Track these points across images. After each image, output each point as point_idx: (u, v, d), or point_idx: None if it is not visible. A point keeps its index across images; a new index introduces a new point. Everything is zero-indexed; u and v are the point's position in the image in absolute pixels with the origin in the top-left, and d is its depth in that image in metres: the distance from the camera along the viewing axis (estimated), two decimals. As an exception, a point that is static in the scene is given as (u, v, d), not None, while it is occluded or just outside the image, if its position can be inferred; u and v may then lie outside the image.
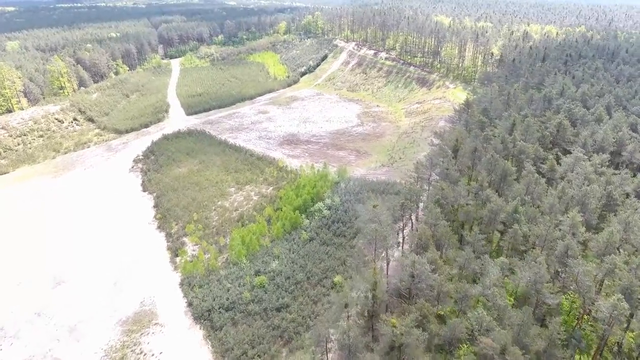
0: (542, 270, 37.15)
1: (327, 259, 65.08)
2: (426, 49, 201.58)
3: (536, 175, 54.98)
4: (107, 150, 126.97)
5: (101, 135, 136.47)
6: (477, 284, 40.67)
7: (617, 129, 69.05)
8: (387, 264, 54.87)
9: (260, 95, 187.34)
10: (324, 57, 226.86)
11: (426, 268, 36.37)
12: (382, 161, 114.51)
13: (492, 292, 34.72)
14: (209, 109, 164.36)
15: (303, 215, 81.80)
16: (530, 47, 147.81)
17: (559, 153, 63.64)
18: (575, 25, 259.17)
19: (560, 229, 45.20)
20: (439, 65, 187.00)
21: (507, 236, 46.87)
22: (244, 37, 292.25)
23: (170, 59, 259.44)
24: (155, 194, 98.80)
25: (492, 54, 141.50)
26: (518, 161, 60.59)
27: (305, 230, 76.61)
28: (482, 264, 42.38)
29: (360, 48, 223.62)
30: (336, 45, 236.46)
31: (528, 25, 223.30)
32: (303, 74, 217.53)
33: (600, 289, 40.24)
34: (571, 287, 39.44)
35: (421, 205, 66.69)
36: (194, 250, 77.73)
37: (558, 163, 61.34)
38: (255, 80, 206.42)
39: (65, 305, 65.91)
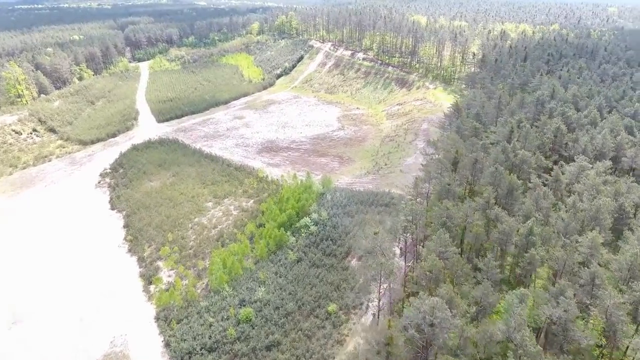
0: (572, 306, 32.95)
1: (318, 284, 59.54)
2: (403, 49, 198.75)
3: (544, 189, 51.13)
4: (71, 164, 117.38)
5: (64, 147, 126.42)
6: (494, 316, 36.36)
7: (614, 133, 66.56)
8: (390, 303, 49.72)
9: (235, 99, 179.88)
10: (300, 59, 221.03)
11: (447, 314, 31.60)
12: (367, 168, 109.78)
13: (521, 336, 30.25)
14: (182, 115, 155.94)
15: (288, 232, 75.99)
16: (510, 47, 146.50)
17: (562, 162, 60.27)
18: (547, 24, 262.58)
19: (579, 252, 41.29)
20: (417, 66, 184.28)
21: (522, 261, 42.55)
22: (216, 38, 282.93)
23: (139, 62, 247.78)
24: (125, 212, 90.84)
25: (474, 54, 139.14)
26: (519, 171, 56.79)
27: (292, 250, 70.87)
28: (500, 296, 38.06)
29: (337, 49, 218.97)
30: (312, 46, 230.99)
31: (503, 24, 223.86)
32: (279, 76, 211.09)
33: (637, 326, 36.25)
34: (601, 322, 35.53)
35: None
36: (169, 277, 70.77)
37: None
38: (230, 84, 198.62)
39: (23, 348, 58.07)
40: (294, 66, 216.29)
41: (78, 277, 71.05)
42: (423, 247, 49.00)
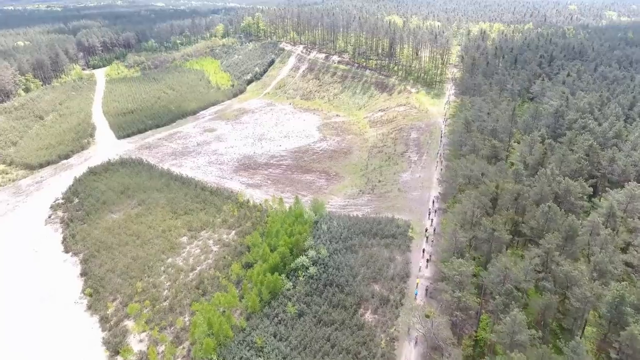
0: None
1: (330, 351, 48.41)
2: (379, 51, 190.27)
3: (609, 230, 42.45)
4: (15, 194, 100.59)
5: (7, 174, 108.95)
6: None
7: (647, 148, 59.83)
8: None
9: (203, 108, 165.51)
10: (271, 63, 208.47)
11: None
12: (358, 185, 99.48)
13: None
14: (145, 130, 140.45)
15: (283, 275, 64.43)
16: (496, 48, 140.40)
17: (605, 187, 52.17)
18: (516, 22, 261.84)
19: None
20: (396, 68, 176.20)
21: (618, 343, 33.27)
22: (178, 41, 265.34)
23: (94, 69, 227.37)
24: (82, 256, 76.33)
25: (462, 56, 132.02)
26: (561, 203, 48.20)
27: (291, 300, 59.38)
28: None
29: (310, 51, 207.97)
30: (283, 49, 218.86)
31: (477, 23, 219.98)
32: (249, 82, 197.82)
33: None
34: None
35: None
36: (141, 341, 57.72)
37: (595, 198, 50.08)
38: (196, 91, 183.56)
39: None
40: (265, 71, 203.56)
41: (23, 348, 56.75)
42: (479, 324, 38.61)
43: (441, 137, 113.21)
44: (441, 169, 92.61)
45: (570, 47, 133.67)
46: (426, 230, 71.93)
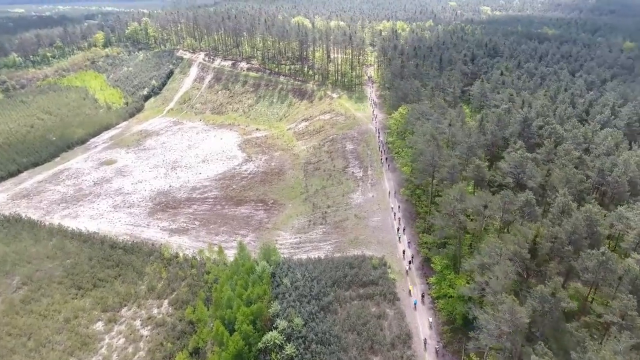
0: None
1: None
2: (289, 55, 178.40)
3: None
4: None
5: None
6: None
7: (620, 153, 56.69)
8: None
9: (94, 135, 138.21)
10: (170, 74, 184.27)
11: None
12: (305, 214, 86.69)
13: None
14: (18, 171, 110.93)
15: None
16: (415, 48, 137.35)
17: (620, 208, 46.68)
18: (413, 20, 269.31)
19: None
20: (311, 72, 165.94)
21: None
22: (49, 54, 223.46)
23: None
24: (-60, 384, 52.40)
25: (390, 60, 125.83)
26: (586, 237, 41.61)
27: (270, 402, 44.82)
28: None
29: (213, 59, 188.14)
30: (181, 58, 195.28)
31: (381, 22, 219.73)
32: (147, 98, 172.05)
33: None
34: None
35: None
36: None
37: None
38: (82, 114, 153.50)
39: None
40: (164, 84, 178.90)
41: None
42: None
43: (380, 147, 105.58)
44: (394, 190, 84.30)
45: (482, 44, 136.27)
46: (407, 272, 61.83)
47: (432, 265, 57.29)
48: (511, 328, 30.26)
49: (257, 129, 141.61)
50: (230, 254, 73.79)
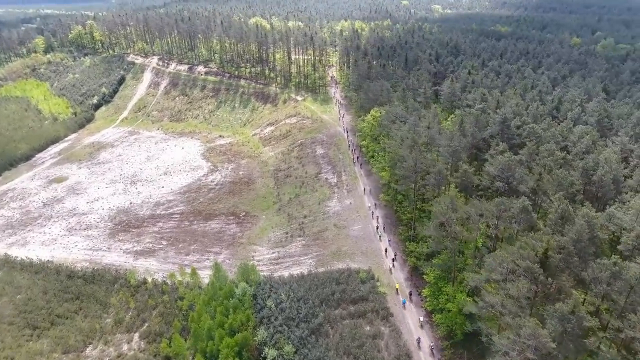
0: None
1: None
2: (248, 57, 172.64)
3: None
4: None
5: None
6: None
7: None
8: None
9: (41, 150, 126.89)
10: (121, 80, 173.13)
11: None
12: (281, 225, 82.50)
13: None
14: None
15: (240, 401, 45.03)
16: (379, 48, 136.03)
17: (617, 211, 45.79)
18: (369, 20, 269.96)
19: None
20: (273, 75, 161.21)
21: None
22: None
23: None
24: None
25: (356, 60, 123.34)
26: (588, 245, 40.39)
27: None
28: None
29: (168, 63, 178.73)
30: (133, 63, 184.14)
31: (339, 21, 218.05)
32: (97, 107, 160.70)
33: None
34: None
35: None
36: None
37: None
38: (24, 127, 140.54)
39: None
40: (115, 91, 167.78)
41: None
42: None
43: (352, 151, 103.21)
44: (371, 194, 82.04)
45: (444, 43, 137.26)
46: (390, 270, 60.12)
47: (424, 276, 55.04)
48: (536, 355, 28.12)
49: (220, 136, 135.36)
50: (204, 275, 68.67)
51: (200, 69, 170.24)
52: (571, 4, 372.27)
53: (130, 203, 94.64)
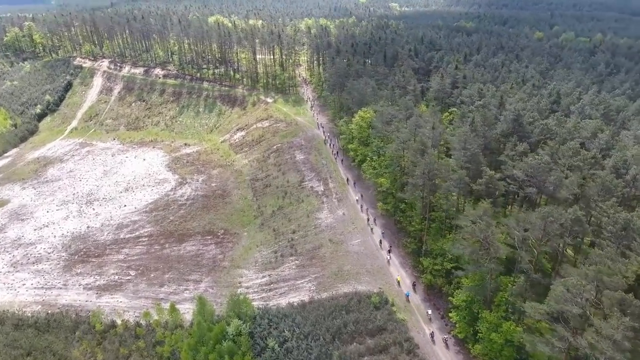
0: None
1: None
2: (209, 57, 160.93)
3: None
4: None
5: None
6: None
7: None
8: None
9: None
10: (68, 86, 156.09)
11: None
12: (267, 243, 73.45)
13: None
14: None
15: None
16: (353, 45, 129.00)
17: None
18: (329, 17, 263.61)
19: None
20: (238, 76, 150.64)
21: None
22: None
23: None
24: None
25: (333, 58, 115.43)
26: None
27: None
28: None
29: (120, 66, 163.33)
30: (80, 67, 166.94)
31: (303, 19, 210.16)
32: (41, 117, 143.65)
33: None
34: None
35: None
36: None
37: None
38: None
39: None
40: (61, 99, 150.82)
41: None
42: None
43: (335, 154, 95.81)
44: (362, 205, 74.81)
45: (419, 38, 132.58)
46: (388, 262, 55.33)
47: (450, 297, 47.98)
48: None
49: (185, 144, 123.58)
50: (185, 309, 58.84)
51: (158, 71, 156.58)
52: (521, 1, 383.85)
53: (88, 227, 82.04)
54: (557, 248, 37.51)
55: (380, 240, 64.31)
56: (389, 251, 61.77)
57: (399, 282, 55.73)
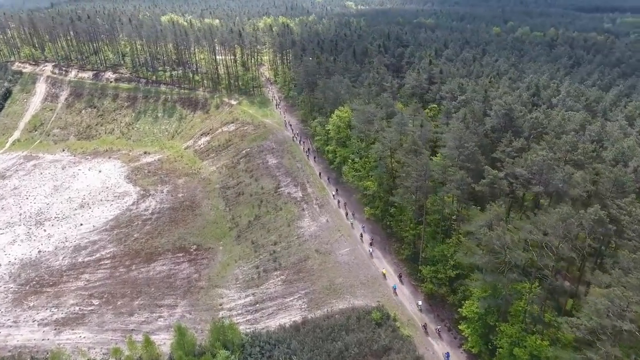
0: None
1: None
2: (164, 59, 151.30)
3: None
4: None
5: None
6: None
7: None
8: None
9: None
10: (7, 94, 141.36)
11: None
12: (247, 257, 67.73)
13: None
14: None
15: None
16: (319, 43, 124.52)
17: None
18: (288, 16, 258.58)
19: None
20: (198, 78, 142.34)
21: None
22: None
23: None
24: None
25: (302, 55, 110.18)
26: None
27: None
28: None
29: (66, 71, 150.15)
30: (20, 72, 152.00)
31: (262, 18, 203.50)
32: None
33: None
34: None
35: None
36: None
37: None
38: None
39: None
40: (0, 108, 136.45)
41: None
42: None
43: (309, 154, 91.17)
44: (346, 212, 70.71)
45: (385, 34, 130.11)
46: (371, 254, 53.26)
47: (459, 308, 44.58)
48: None
49: (145, 153, 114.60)
50: (161, 340, 52.34)
51: (109, 75, 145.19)
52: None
53: (39, 252, 72.75)
54: (580, 252, 34.83)
55: (371, 251, 60.27)
56: (371, 243, 60.78)
57: (384, 274, 55.16)
